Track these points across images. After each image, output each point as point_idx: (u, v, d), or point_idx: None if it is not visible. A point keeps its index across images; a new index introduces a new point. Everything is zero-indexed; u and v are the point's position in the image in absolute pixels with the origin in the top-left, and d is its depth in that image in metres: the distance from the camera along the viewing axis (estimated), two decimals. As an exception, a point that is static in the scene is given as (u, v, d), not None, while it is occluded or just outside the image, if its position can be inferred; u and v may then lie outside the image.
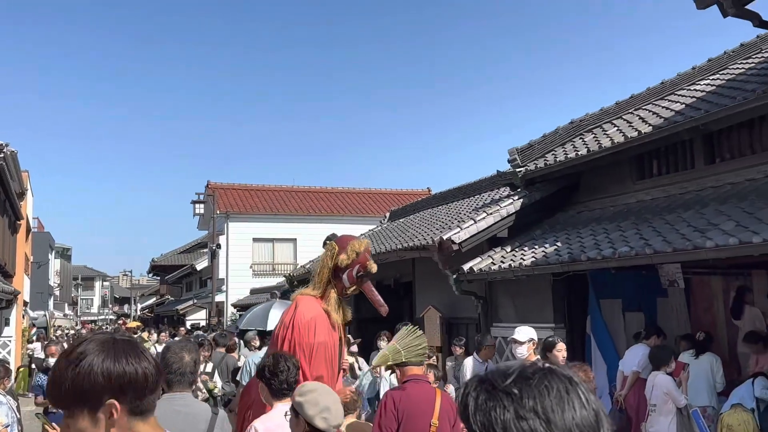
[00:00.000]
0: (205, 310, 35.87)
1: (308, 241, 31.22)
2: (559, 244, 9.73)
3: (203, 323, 33.90)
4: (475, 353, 9.49)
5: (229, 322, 29.97)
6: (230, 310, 30.82)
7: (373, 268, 4.74)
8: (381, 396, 7.42)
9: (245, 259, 31.93)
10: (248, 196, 33.95)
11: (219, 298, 31.15)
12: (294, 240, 32.49)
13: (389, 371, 6.76)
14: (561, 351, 6.78)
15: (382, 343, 9.72)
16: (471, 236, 10.93)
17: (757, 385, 7.70)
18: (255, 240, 32.27)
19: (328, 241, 4.75)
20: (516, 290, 10.89)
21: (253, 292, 28.62)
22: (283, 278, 23.20)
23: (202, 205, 31.00)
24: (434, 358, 11.20)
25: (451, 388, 9.38)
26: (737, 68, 10.67)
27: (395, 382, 5.60)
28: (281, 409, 3.96)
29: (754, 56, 10.87)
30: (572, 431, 1.20)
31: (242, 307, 29.08)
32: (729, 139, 9.14)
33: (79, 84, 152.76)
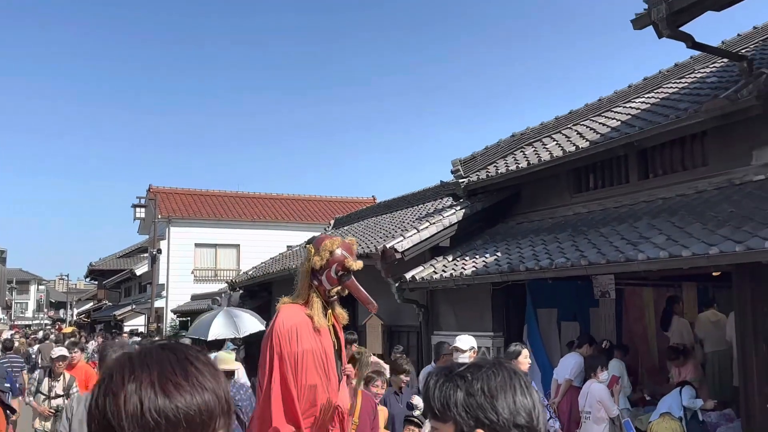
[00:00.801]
0: (143, 316, 35.30)
1: (252, 247, 31.09)
2: (499, 254, 9.97)
3: (141, 329, 33.35)
4: (433, 361, 9.62)
5: (168, 329, 29.58)
6: (170, 316, 30.41)
7: (354, 265, 4.53)
8: None
9: (187, 264, 31.58)
10: (191, 201, 33.59)
11: (158, 303, 30.71)
12: (237, 246, 32.29)
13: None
14: (526, 358, 6.83)
15: None
16: (414, 245, 11.10)
17: (684, 394, 8.01)
18: (197, 245, 31.95)
19: (307, 245, 4.57)
20: (457, 299, 11.09)
21: (195, 298, 28.32)
22: (226, 284, 23.03)
23: (143, 209, 30.57)
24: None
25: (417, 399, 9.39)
26: (671, 87, 11.11)
27: None
28: None
29: (687, 76, 11.33)
30: (511, 411, 1.44)
31: (182, 313, 28.75)
32: (662, 155, 9.51)
33: (17, 80, 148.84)
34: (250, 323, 13.39)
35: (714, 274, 9.02)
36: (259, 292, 20.43)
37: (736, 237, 6.49)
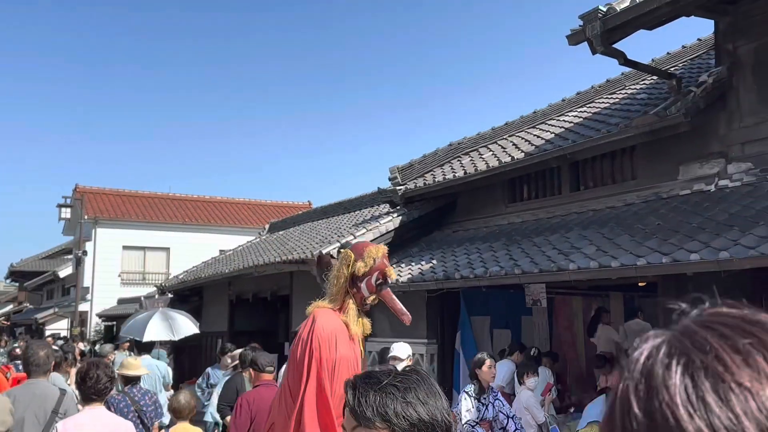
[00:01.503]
0: (67, 320, 34.25)
1: (182, 250, 30.55)
2: (434, 261, 10.08)
3: (64, 333, 32.36)
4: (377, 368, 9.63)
5: (92, 333, 28.81)
6: (95, 320, 29.59)
7: (393, 275, 4.41)
8: None
9: (113, 267, 30.78)
10: (120, 202, 32.80)
11: (83, 307, 29.83)
12: (167, 249, 31.68)
13: None
14: (490, 368, 6.77)
15: (234, 353, 9.78)
16: (350, 251, 11.11)
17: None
18: (125, 248, 31.20)
19: (342, 250, 4.31)
20: (391, 305, 11.14)
21: (121, 302, 27.64)
22: (155, 288, 22.58)
23: (68, 210, 29.68)
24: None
25: None
26: (603, 102, 11.47)
27: None
28: (87, 411, 4.67)
29: (618, 92, 11.71)
30: (441, 412, 1.57)
31: (108, 317, 28.02)
32: (593, 168, 9.81)
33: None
34: (185, 326, 13.27)
35: (640, 284, 9.31)
36: (190, 296, 20.12)
37: (662, 249, 6.73)
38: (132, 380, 7.04)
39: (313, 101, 70.69)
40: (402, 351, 7.29)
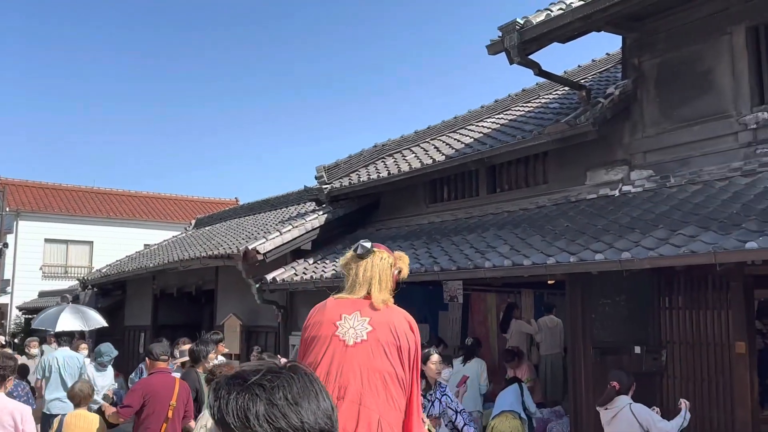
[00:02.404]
0: (-16, 314, 33.26)
1: (106, 244, 30.10)
2: (357, 258, 10.35)
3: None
4: None
5: (12, 326, 28.13)
6: (15, 313, 28.88)
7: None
8: None
9: (35, 260, 30.09)
10: (42, 195, 32.05)
11: (3, 299, 29.12)
12: (91, 243, 31.15)
13: None
14: (435, 363, 6.38)
15: (183, 348, 9.75)
16: (276, 247, 11.32)
17: (526, 393, 8.52)
18: (47, 240, 30.54)
19: (375, 250, 3.86)
20: (316, 301, 11.30)
21: (42, 294, 27.09)
22: (77, 281, 22.23)
23: (-12, 201, 28.86)
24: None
25: None
26: (518, 110, 11.97)
27: None
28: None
29: (533, 101, 12.24)
30: (316, 416, 1.38)
31: (29, 310, 27.40)
32: (508, 172, 10.25)
33: None
34: (96, 318, 13.63)
35: (550, 282, 9.81)
36: (113, 290, 19.93)
37: (570, 249, 7.09)
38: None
39: (241, 99, 70.06)
40: None
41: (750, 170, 7.18)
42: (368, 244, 3.65)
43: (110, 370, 10.51)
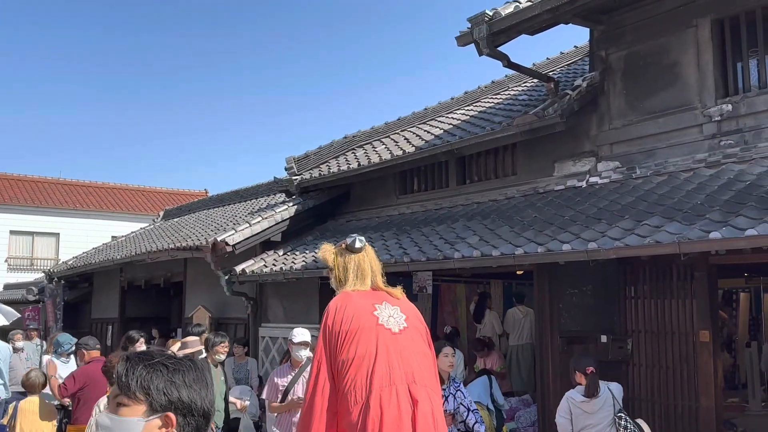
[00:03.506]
0: (-54, 307, 32.67)
1: (73, 236, 29.73)
2: (327, 249, 10.34)
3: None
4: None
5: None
6: (-22, 307, 28.42)
7: None
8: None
9: (0, 252, 29.72)
10: (7, 186, 31.51)
11: (-35, 293, 28.67)
12: (57, 234, 30.74)
13: None
14: (447, 356, 6.16)
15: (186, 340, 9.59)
16: (245, 239, 11.27)
17: (495, 385, 8.61)
18: (12, 232, 30.09)
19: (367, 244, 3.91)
20: (286, 292, 11.40)
21: (8, 287, 26.69)
22: (43, 274, 21.94)
23: (-50, 192, 28.34)
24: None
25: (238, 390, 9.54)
26: (488, 102, 12.04)
27: None
28: None
29: (502, 93, 12.32)
30: (203, 400, 1.75)
31: (-7, 304, 26.99)
32: (478, 163, 10.31)
33: None
34: (9, 313, 13.66)
35: (518, 272, 9.91)
36: (80, 282, 19.69)
37: (538, 240, 7.16)
38: None
39: (211, 90, 69.41)
40: (303, 338, 7.19)
41: (714, 161, 7.30)
42: (363, 239, 3.68)
43: (73, 359, 10.41)
